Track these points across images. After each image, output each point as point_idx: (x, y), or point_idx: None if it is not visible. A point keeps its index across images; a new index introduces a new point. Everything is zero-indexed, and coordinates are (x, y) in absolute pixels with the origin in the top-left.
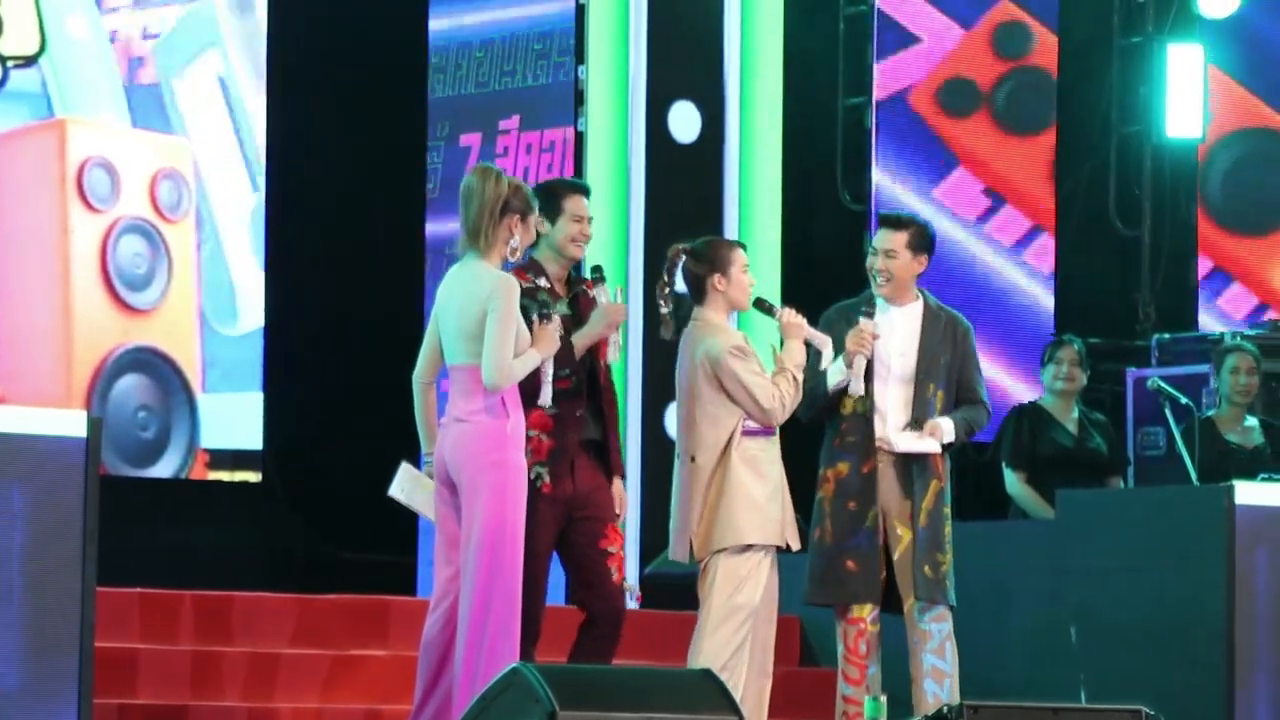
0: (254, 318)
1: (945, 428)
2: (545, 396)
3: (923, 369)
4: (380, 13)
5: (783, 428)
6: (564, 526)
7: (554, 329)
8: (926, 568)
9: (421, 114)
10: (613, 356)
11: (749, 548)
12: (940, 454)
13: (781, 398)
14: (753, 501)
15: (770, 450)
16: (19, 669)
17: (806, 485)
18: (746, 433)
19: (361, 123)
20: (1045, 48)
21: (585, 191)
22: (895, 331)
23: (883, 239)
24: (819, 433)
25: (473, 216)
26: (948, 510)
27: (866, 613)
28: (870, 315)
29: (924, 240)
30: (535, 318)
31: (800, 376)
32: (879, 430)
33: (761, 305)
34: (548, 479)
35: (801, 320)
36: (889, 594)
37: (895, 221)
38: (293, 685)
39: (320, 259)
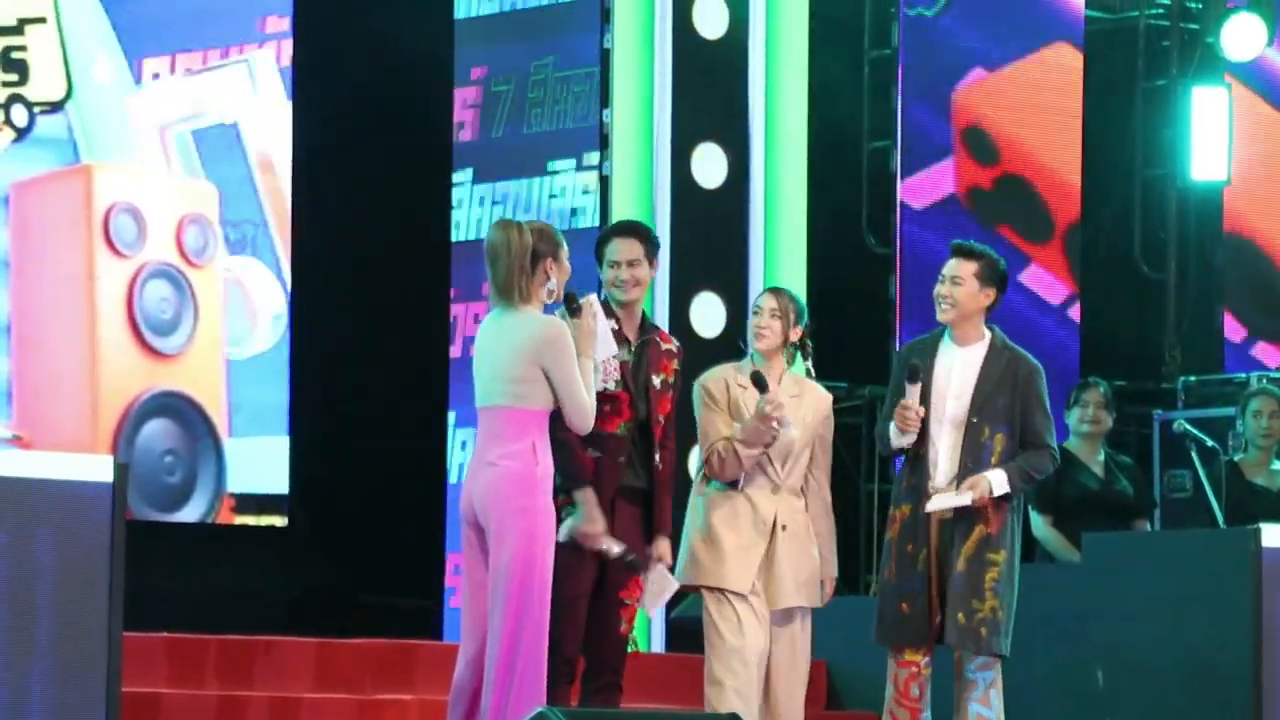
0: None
1: (995, 481)
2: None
3: (975, 411)
4: (406, 56)
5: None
6: (598, 572)
7: (588, 318)
8: (960, 615)
9: (446, 157)
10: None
11: (704, 589)
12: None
13: (708, 457)
14: (686, 544)
15: (732, 499)
16: (45, 715)
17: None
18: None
19: (388, 168)
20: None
21: (623, 233)
22: (954, 372)
23: (952, 266)
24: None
25: (501, 274)
26: (995, 556)
27: (921, 656)
28: (916, 381)
29: (994, 273)
30: (567, 316)
31: (745, 454)
32: (931, 477)
33: (757, 378)
34: None
35: (776, 411)
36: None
37: (967, 251)
38: None
39: (346, 304)
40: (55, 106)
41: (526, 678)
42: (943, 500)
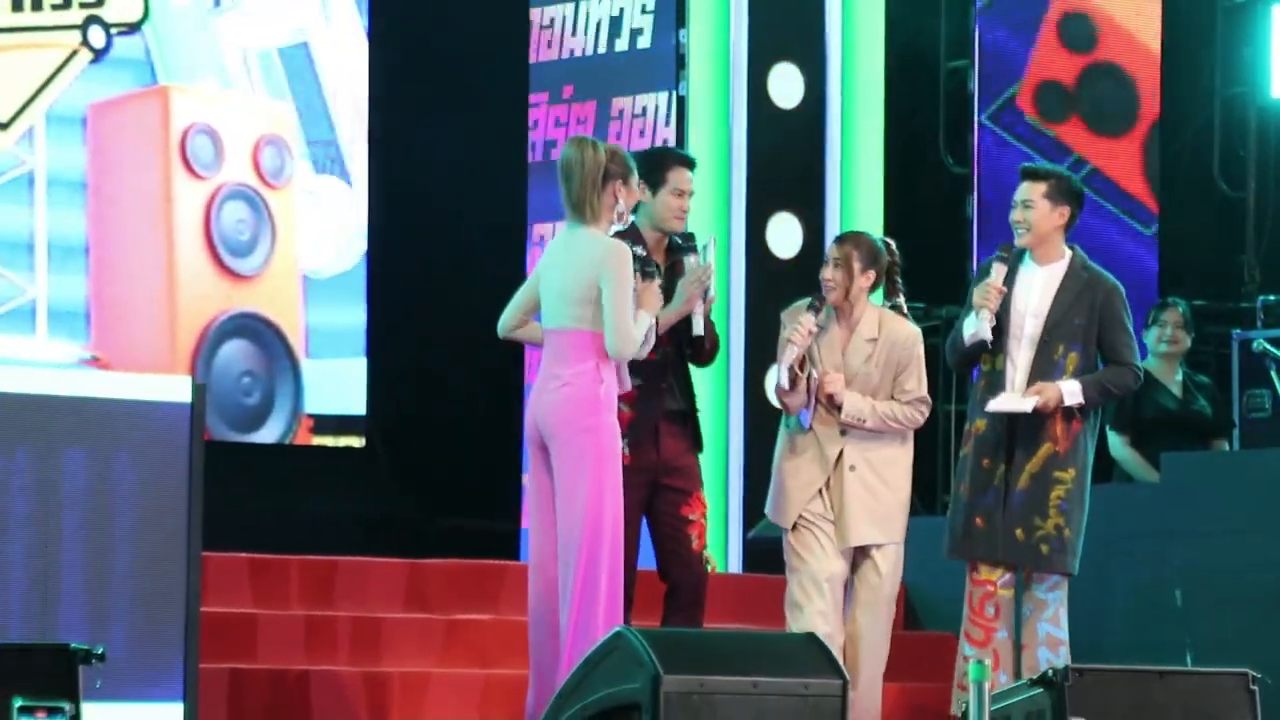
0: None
1: (1067, 391)
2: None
3: (1049, 329)
4: None
5: None
6: (649, 495)
7: (657, 286)
8: (1019, 531)
9: (523, 79)
10: (698, 323)
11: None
12: (1056, 416)
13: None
14: (772, 476)
15: (800, 439)
16: (125, 634)
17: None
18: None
19: (465, 88)
20: (1111, 40)
21: (690, 164)
22: (1033, 290)
23: (1021, 190)
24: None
25: (575, 189)
26: (1062, 474)
27: (997, 576)
28: (1005, 261)
29: (1064, 191)
30: (638, 276)
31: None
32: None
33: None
34: (628, 450)
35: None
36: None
37: (1033, 173)
38: (402, 650)
39: (423, 225)
40: (132, 28)
41: (608, 596)
42: (1006, 401)
